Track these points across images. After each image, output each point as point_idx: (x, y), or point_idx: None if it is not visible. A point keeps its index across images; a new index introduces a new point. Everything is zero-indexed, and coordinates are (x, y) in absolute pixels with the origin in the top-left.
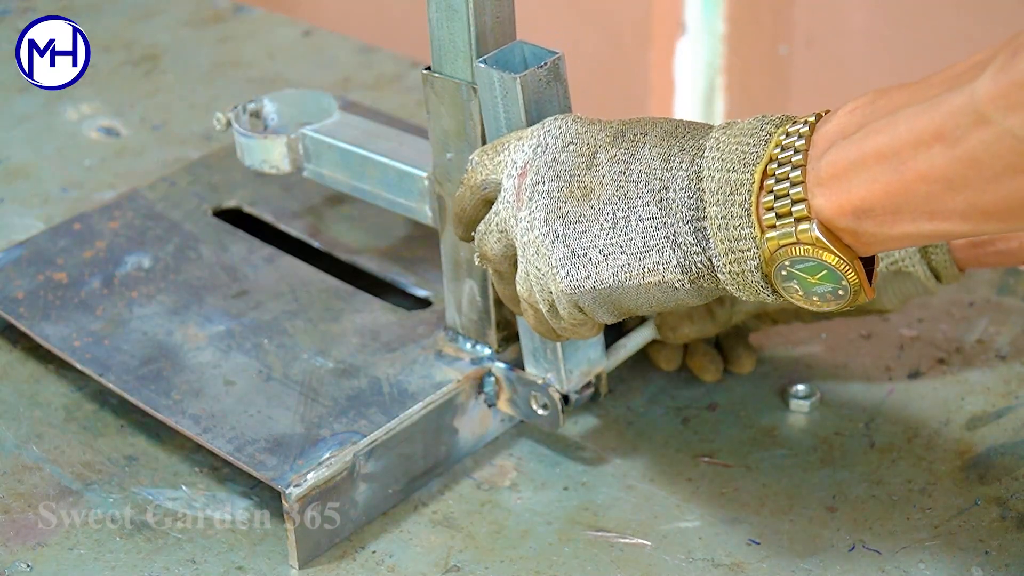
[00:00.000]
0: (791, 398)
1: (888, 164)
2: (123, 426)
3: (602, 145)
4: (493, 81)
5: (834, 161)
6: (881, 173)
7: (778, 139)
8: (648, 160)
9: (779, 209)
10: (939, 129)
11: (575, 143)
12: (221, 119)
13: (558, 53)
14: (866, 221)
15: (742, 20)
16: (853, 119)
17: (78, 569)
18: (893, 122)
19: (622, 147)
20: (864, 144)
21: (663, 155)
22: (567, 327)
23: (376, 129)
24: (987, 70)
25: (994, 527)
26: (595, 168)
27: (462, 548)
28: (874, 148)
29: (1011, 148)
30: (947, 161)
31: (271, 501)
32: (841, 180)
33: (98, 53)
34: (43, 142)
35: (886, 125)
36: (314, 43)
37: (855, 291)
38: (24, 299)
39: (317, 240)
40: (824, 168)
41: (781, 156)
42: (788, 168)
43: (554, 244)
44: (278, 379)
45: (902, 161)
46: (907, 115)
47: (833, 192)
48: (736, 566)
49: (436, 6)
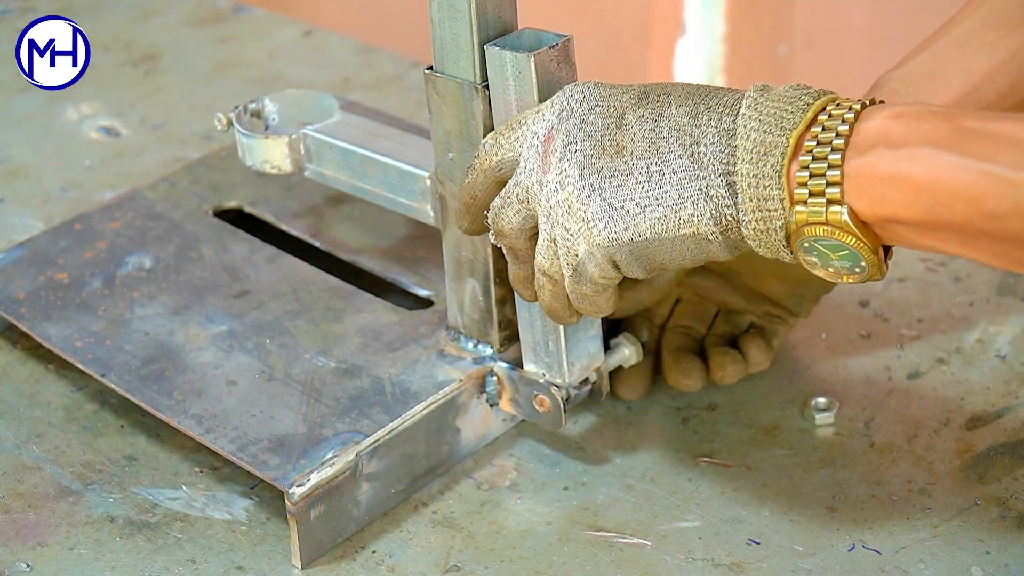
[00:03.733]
0: (815, 412)
1: (926, 199)
2: (123, 426)
3: (628, 106)
4: (505, 63)
5: (873, 165)
6: (918, 203)
7: (816, 112)
8: (676, 117)
9: (812, 187)
10: (980, 199)
11: (601, 105)
12: (222, 119)
13: (568, 36)
14: (898, 227)
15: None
16: (899, 130)
17: (78, 569)
18: (936, 160)
19: (648, 107)
20: (905, 167)
21: (690, 113)
22: (588, 293)
23: (377, 129)
24: None
25: (994, 527)
26: (624, 127)
27: (462, 548)
28: (914, 176)
29: None
30: (985, 224)
31: (271, 501)
32: (879, 188)
33: (98, 53)
34: (43, 142)
35: (930, 159)
36: (314, 43)
37: (873, 270)
38: (25, 299)
39: (318, 240)
40: (864, 168)
41: (822, 135)
42: (828, 149)
43: (591, 198)
44: (280, 379)
45: (939, 203)
46: (952, 165)
47: (869, 196)
48: (736, 566)
49: (438, 6)
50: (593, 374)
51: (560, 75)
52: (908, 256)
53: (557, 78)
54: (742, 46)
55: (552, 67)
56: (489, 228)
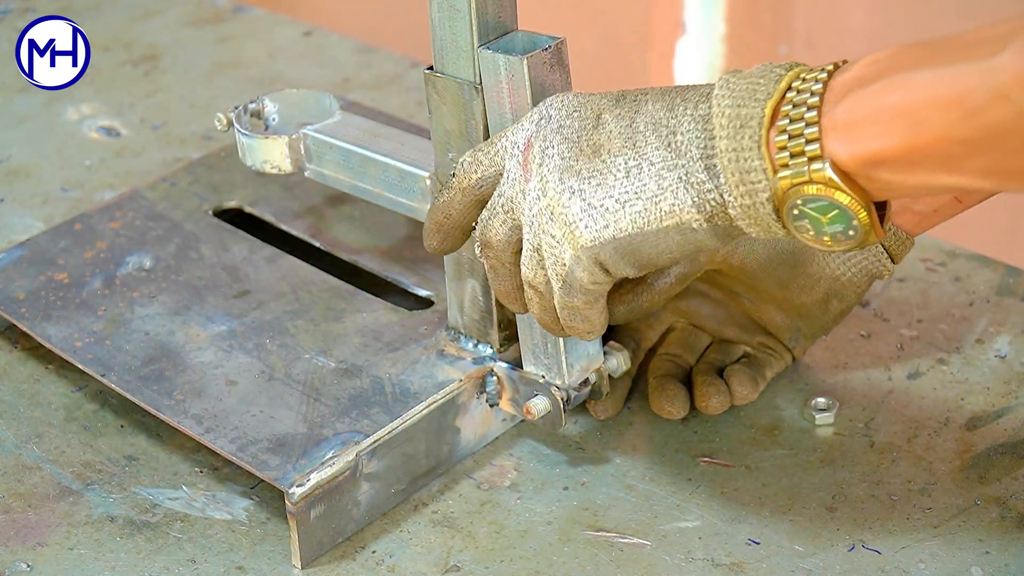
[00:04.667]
0: (814, 412)
1: (904, 121)
2: (123, 426)
3: (606, 107)
4: (499, 66)
5: (850, 109)
6: (897, 128)
7: (790, 81)
8: (652, 112)
9: (792, 148)
10: (958, 98)
11: (579, 110)
12: (222, 119)
13: (560, 37)
14: (881, 170)
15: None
16: (872, 70)
17: (78, 569)
18: (911, 81)
19: (625, 106)
20: (881, 98)
21: (667, 106)
22: (580, 306)
23: (377, 129)
24: (1009, 47)
25: (994, 527)
26: (601, 127)
27: (462, 548)
28: (891, 103)
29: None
30: (965, 129)
31: (271, 501)
32: (857, 129)
33: (98, 53)
34: (43, 142)
35: (903, 82)
36: (314, 43)
37: (866, 231)
38: (25, 299)
39: (318, 240)
40: (840, 115)
41: (796, 98)
42: (803, 109)
43: (571, 200)
44: (280, 379)
45: (918, 121)
46: (926, 77)
47: (848, 139)
48: (736, 566)
49: (438, 6)
50: (593, 375)
51: (554, 77)
52: (908, 256)
53: (551, 80)
54: (742, 46)
55: (545, 70)
56: (455, 247)
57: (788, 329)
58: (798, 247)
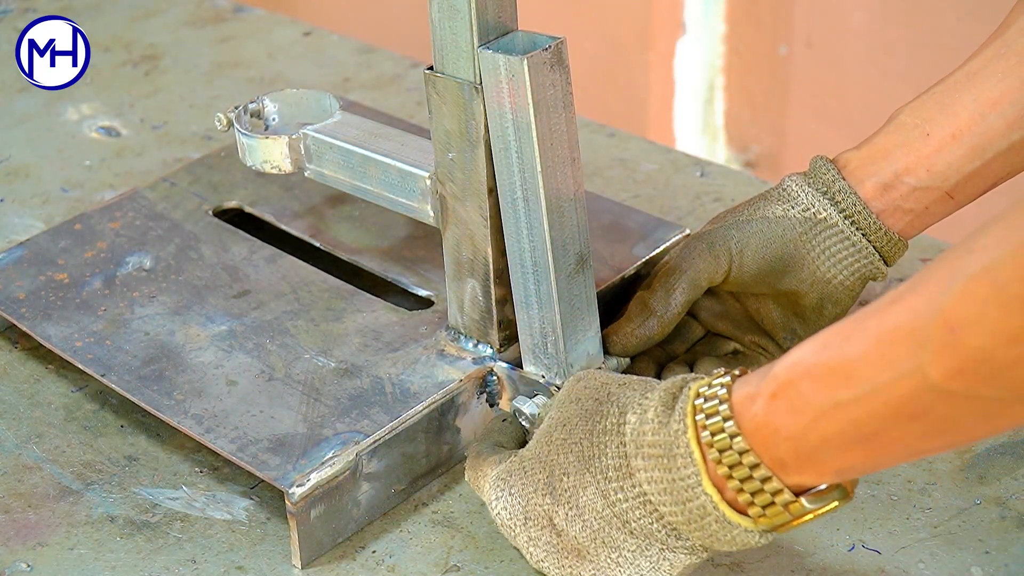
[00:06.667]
0: None
1: (859, 445)
2: (123, 426)
3: (551, 510)
4: (499, 65)
5: (796, 451)
6: (854, 450)
7: (708, 448)
8: (592, 505)
9: (759, 501)
10: (900, 411)
11: (531, 518)
12: (222, 119)
13: (561, 37)
14: (850, 473)
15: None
16: (784, 416)
17: (78, 569)
18: (843, 412)
19: (565, 505)
20: (821, 429)
21: (602, 493)
22: None
23: (377, 129)
24: (923, 347)
25: (994, 527)
26: (563, 535)
27: (462, 548)
28: (838, 432)
29: (984, 409)
30: (920, 430)
31: (271, 501)
32: (811, 462)
33: (98, 53)
34: (43, 142)
35: (835, 413)
36: (314, 43)
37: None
38: (25, 299)
39: (318, 240)
40: (786, 457)
41: (733, 471)
42: (747, 469)
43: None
44: (280, 379)
45: (870, 440)
46: (855, 406)
47: (807, 473)
48: (736, 566)
49: (438, 6)
50: None
51: (554, 77)
52: (908, 256)
53: (551, 80)
54: (742, 46)
55: (545, 69)
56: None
57: (784, 328)
58: (788, 255)
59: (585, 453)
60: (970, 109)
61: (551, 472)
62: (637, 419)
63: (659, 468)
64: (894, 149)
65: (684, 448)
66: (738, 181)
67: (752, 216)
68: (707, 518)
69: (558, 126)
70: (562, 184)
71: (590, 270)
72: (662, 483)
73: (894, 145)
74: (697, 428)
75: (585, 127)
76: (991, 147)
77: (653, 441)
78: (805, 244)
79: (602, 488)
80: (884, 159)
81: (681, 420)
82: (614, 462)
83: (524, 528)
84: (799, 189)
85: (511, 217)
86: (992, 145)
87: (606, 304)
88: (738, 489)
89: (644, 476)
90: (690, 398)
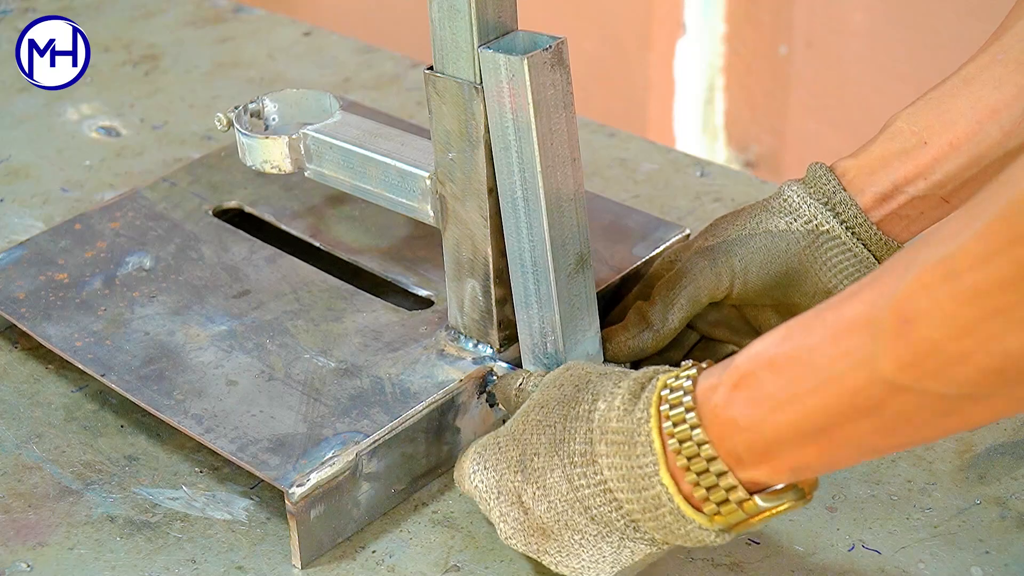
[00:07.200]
0: None
1: (813, 440)
2: (123, 426)
3: (519, 485)
4: (499, 65)
5: (751, 444)
6: (808, 445)
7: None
8: (559, 489)
9: (714, 498)
10: (853, 405)
11: (503, 492)
12: (222, 119)
13: (561, 37)
14: (805, 472)
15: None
16: (742, 407)
17: (78, 569)
18: (798, 404)
19: (534, 484)
20: (776, 421)
21: (567, 477)
22: None
23: (377, 129)
24: (876, 337)
25: (994, 527)
26: (530, 513)
27: (462, 548)
28: (792, 425)
29: (933, 405)
30: (872, 426)
31: (271, 501)
32: (766, 457)
33: (98, 53)
34: (43, 142)
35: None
36: (314, 43)
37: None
38: (25, 299)
39: (318, 240)
40: (742, 450)
41: (691, 463)
42: (704, 462)
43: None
44: (280, 379)
45: (824, 435)
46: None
47: (762, 468)
48: (736, 566)
49: (438, 6)
50: None
51: (554, 77)
52: None
53: (551, 80)
54: (742, 46)
55: (546, 69)
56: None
57: None
58: (792, 270)
59: (556, 436)
60: (967, 117)
61: (523, 451)
62: (606, 406)
63: (620, 455)
64: (892, 159)
65: (645, 436)
66: (738, 181)
67: (755, 230)
68: (662, 509)
69: (558, 126)
70: (562, 184)
71: (590, 270)
72: (621, 470)
73: (892, 154)
74: (660, 417)
75: (585, 127)
76: (988, 155)
77: (617, 428)
78: (808, 257)
79: (567, 472)
80: (882, 168)
81: (645, 409)
82: (580, 447)
83: (497, 502)
84: (800, 200)
85: (511, 217)
86: (989, 153)
87: (606, 304)
88: (694, 483)
89: (606, 462)
90: (657, 388)
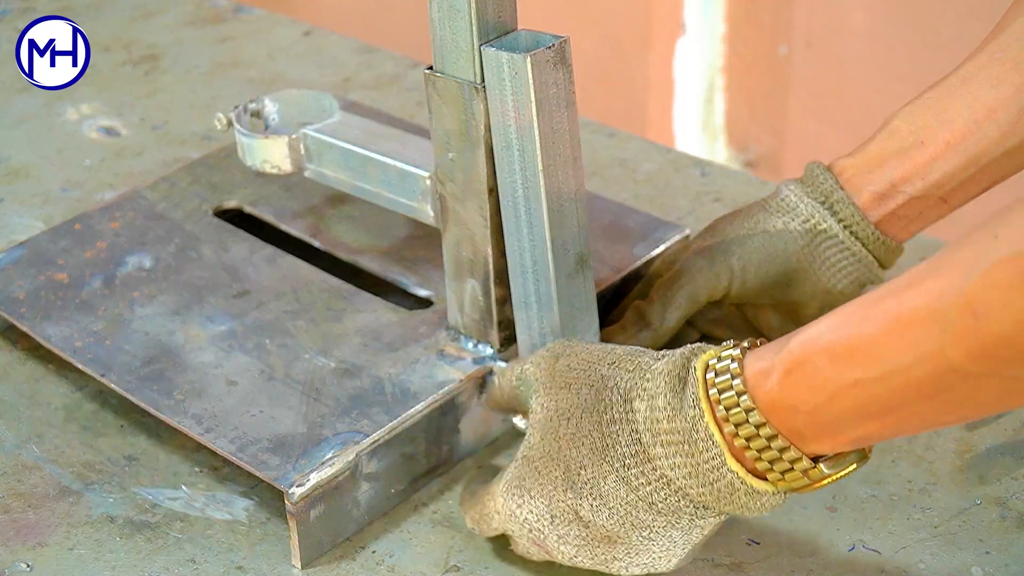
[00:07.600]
0: None
1: (878, 419)
2: (123, 426)
3: (573, 502)
4: (502, 64)
5: (813, 424)
6: (872, 423)
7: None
8: (617, 494)
9: (778, 468)
10: (921, 390)
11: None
12: (222, 119)
13: (564, 36)
14: (867, 442)
15: (742, 20)
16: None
17: (78, 569)
18: (862, 389)
19: (586, 496)
20: (839, 404)
21: (623, 480)
22: None
23: (377, 129)
24: (945, 330)
25: (994, 527)
26: (591, 526)
27: (462, 548)
28: (856, 408)
29: (1005, 386)
30: (939, 406)
31: (271, 501)
32: (828, 433)
33: (98, 53)
34: (43, 142)
35: (853, 390)
36: (314, 43)
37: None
38: (25, 299)
39: (318, 240)
40: (804, 428)
41: (751, 442)
42: (764, 440)
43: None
44: (280, 379)
45: (890, 414)
46: (875, 384)
47: (824, 443)
48: (736, 566)
49: (438, 5)
50: None
51: (556, 76)
52: (909, 256)
53: (553, 79)
54: (742, 46)
55: (548, 68)
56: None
57: (782, 331)
58: (791, 269)
59: (598, 444)
60: (965, 117)
61: (567, 467)
62: (646, 406)
63: (680, 454)
64: (889, 158)
65: (704, 432)
66: (738, 181)
67: (753, 230)
68: (736, 493)
69: (560, 125)
70: (563, 184)
71: (590, 270)
72: (685, 468)
73: (889, 153)
74: (712, 406)
75: (585, 127)
76: (986, 155)
77: (670, 428)
78: (807, 256)
79: (622, 475)
80: (880, 168)
81: (695, 405)
82: (629, 449)
83: (552, 527)
84: (798, 200)
85: (511, 217)
86: (987, 153)
87: (606, 304)
88: (756, 458)
89: (666, 463)
90: (700, 379)
